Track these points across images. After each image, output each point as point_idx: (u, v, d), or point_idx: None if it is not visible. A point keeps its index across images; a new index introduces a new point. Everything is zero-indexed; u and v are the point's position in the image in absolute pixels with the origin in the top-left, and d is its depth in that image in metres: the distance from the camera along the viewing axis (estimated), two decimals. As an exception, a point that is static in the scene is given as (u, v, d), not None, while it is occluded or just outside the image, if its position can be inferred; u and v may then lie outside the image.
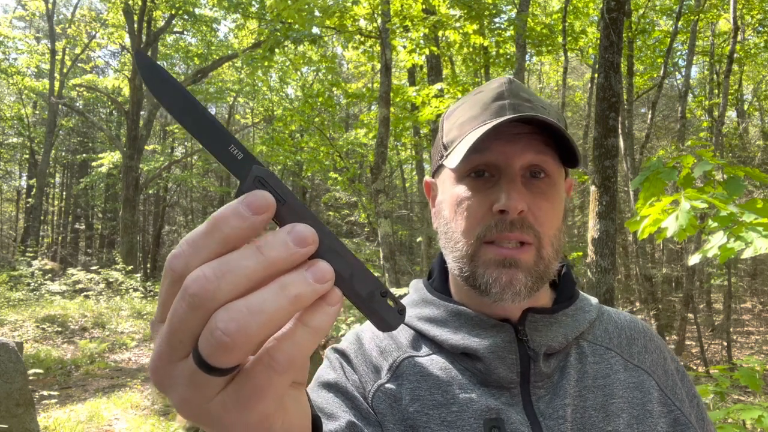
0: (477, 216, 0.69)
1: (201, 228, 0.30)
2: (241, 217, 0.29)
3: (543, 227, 0.69)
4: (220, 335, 0.28)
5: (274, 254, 0.29)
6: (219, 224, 0.29)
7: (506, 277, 0.67)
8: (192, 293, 0.29)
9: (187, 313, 0.29)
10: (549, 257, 0.70)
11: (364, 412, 0.69)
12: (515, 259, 0.67)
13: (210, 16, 16.95)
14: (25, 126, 20.61)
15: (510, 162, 0.68)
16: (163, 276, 0.31)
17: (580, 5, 10.22)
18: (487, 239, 0.69)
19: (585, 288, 4.39)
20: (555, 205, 0.70)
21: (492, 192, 0.68)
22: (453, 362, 0.71)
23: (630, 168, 9.47)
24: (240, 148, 0.31)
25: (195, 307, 0.29)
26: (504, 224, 0.67)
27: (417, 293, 0.83)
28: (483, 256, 0.69)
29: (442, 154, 0.75)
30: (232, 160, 0.31)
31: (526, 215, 0.67)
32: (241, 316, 0.28)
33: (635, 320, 0.82)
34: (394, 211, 14.01)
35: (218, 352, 0.29)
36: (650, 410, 0.69)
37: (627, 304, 12.80)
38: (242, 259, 0.29)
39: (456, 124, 0.74)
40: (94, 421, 5.22)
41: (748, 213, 1.63)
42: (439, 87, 7.17)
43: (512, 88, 0.73)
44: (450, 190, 0.73)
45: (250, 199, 0.30)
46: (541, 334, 0.71)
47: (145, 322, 10.08)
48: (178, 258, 0.30)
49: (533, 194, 0.68)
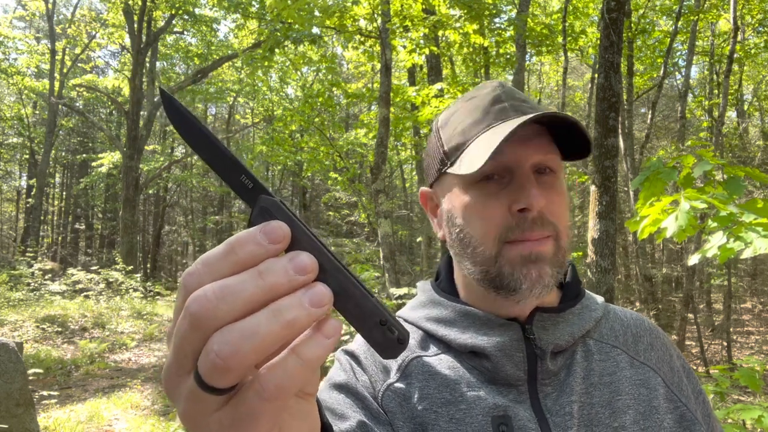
0: (495, 218, 0.69)
1: (217, 250, 0.31)
2: (258, 245, 0.31)
3: (559, 220, 0.71)
4: (214, 357, 0.29)
5: (273, 279, 0.30)
6: (236, 248, 0.31)
7: (535, 271, 0.68)
8: (191, 312, 0.30)
9: (187, 331, 0.30)
10: (565, 247, 0.72)
11: (374, 412, 0.70)
12: (540, 252, 0.68)
13: (210, 16, 16.95)
14: (25, 126, 20.61)
15: (522, 162, 0.69)
16: (177, 292, 0.33)
17: (580, 5, 10.21)
18: (510, 239, 0.69)
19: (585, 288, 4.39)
20: (564, 199, 0.73)
21: (507, 193, 0.69)
22: (461, 361, 0.72)
23: (630, 168, 9.47)
24: (251, 177, 0.33)
25: (194, 326, 0.30)
26: (526, 222, 0.68)
27: (425, 294, 0.83)
28: (506, 255, 0.69)
29: (445, 163, 0.75)
30: (244, 188, 0.33)
31: (544, 211, 0.69)
32: (235, 339, 0.29)
33: (641, 318, 0.83)
34: (394, 211, 14.01)
35: (213, 373, 0.30)
36: (656, 406, 0.70)
37: (627, 304, 12.80)
38: (242, 282, 0.30)
39: (457, 131, 0.73)
40: (94, 421, 5.22)
41: (747, 213, 1.63)
42: (439, 87, 7.16)
43: (507, 90, 0.74)
44: (460, 197, 0.73)
45: (268, 228, 0.31)
46: (548, 333, 0.72)
47: (145, 322, 10.08)
48: (192, 276, 0.31)
49: (545, 190, 0.70)
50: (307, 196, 21.86)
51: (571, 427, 0.66)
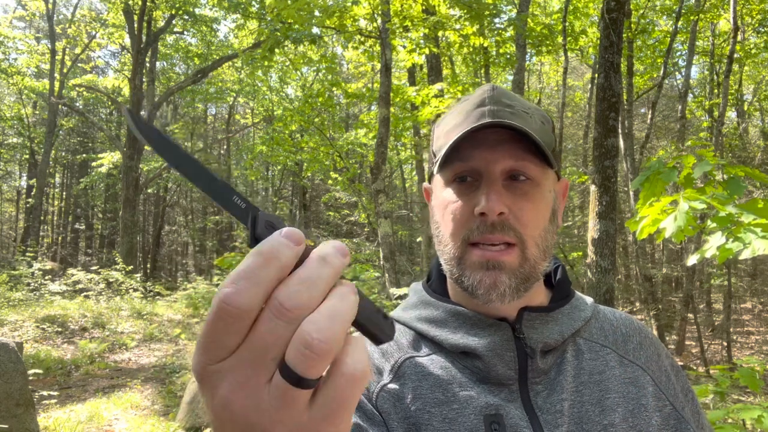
0: (461, 219, 0.72)
1: (252, 264, 0.32)
2: (289, 248, 0.33)
3: (526, 228, 0.71)
4: (317, 343, 0.30)
5: (336, 262, 0.33)
6: (275, 254, 0.32)
7: (489, 279, 0.70)
8: (290, 307, 0.31)
9: (285, 329, 0.31)
10: (534, 258, 0.72)
11: (368, 413, 0.70)
12: (498, 261, 0.70)
13: (210, 16, 16.96)
14: (25, 126, 20.61)
15: (490, 167, 0.71)
16: (217, 316, 0.32)
17: (580, 5, 10.22)
18: (471, 241, 0.71)
19: (585, 288, 4.39)
20: (538, 206, 0.72)
21: (474, 196, 0.71)
22: (453, 361, 0.73)
23: (630, 168, 9.47)
24: (241, 198, 0.36)
25: (293, 320, 0.31)
26: (485, 226, 0.70)
27: (416, 295, 0.85)
28: (468, 258, 0.71)
29: (433, 161, 0.79)
30: (237, 209, 0.36)
31: (506, 217, 0.69)
32: (327, 323, 0.31)
33: (630, 318, 0.84)
34: (394, 211, 14.01)
35: (313, 360, 0.31)
36: (645, 404, 0.71)
37: (627, 304, 12.81)
38: (318, 270, 0.33)
39: (443, 132, 0.77)
40: (94, 421, 5.21)
41: (746, 213, 1.63)
42: (439, 87, 7.17)
43: (494, 95, 0.75)
44: (440, 195, 0.76)
45: (288, 233, 0.33)
46: (537, 332, 0.73)
47: (145, 322, 10.08)
48: (240, 294, 0.31)
49: (515, 196, 0.71)
50: (307, 196, 21.85)
51: (562, 425, 0.67)
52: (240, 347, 0.32)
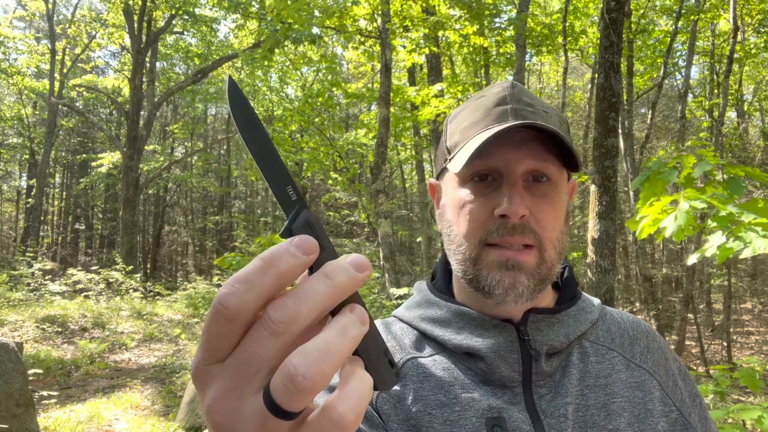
0: (479, 220, 0.70)
1: (251, 268, 0.31)
2: (293, 256, 0.31)
3: (545, 230, 0.69)
4: (301, 380, 0.28)
5: (341, 278, 0.31)
6: (273, 261, 0.31)
7: (509, 279, 0.68)
8: (274, 319, 0.30)
9: (271, 342, 0.30)
10: (551, 260, 0.71)
11: (368, 415, 0.69)
12: (518, 262, 0.68)
13: (210, 16, 16.95)
14: (25, 126, 20.60)
15: (512, 167, 0.69)
16: (211, 316, 0.31)
17: (580, 5, 10.22)
18: (489, 242, 0.69)
19: (585, 288, 4.39)
20: (557, 208, 0.71)
21: (494, 196, 0.69)
22: (456, 362, 0.72)
23: (630, 168, 9.47)
24: (295, 190, 0.35)
25: (277, 334, 0.30)
26: (506, 228, 0.68)
27: (420, 294, 0.83)
28: (486, 258, 0.70)
29: (446, 158, 0.76)
30: (287, 198, 0.34)
31: (527, 219, 0.68)
32: (316, 358, 0.29)
33: (637, 321, 0.83)
34: (394, 212, 14.01)
35: (293, 395, 0.29)
36: (651, 409, 0.70)
37: (627, 304, 12.80)
38: (314, 285, 0.31)
39: (459, 129, 0.74)
40: (94, 421, 5.21)
41: (746, 213, 1.63)
42: (439, 87, 7.17)
43: (515, 92, 0.73)
44: (453, 193, 0.74)
45: (299, 241, 0.31)
46: (542, 334, 0.72)
47: (145, 323, 10.08)
48: (233, 296, 0.30)
49: (535, 198, 0.69)
50: (307, 196, 21.85)
51: (566, 429, 0.66)
52: (230, 355, 0.32)
